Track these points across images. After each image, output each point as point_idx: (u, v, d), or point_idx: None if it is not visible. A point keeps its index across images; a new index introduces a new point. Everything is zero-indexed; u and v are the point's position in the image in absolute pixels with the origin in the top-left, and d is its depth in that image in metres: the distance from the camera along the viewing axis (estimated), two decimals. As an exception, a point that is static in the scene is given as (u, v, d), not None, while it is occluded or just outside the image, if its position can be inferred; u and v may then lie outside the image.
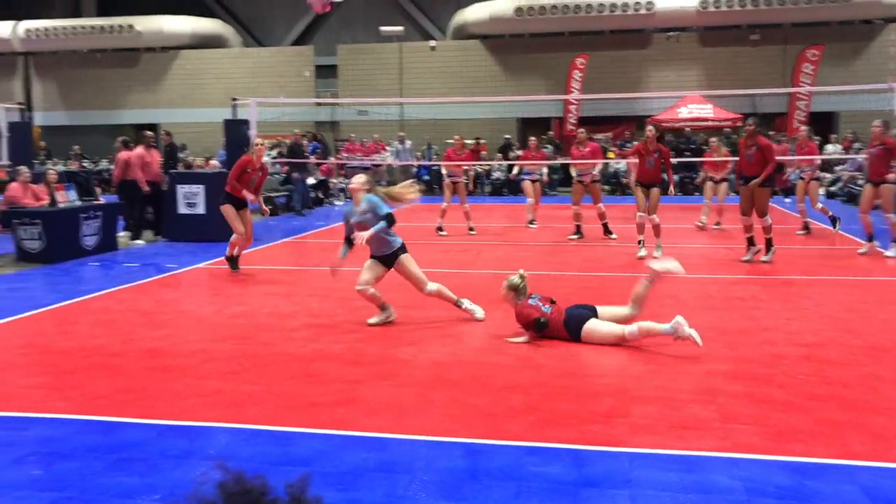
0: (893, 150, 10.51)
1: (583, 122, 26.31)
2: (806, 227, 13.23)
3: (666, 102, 24.97)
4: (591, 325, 6.26)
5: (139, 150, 13.17)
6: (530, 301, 6.55)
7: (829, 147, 22.82)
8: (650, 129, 11.02)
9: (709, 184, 14.92)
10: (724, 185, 14.96)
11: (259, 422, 4.59)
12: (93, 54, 30.59)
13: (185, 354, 6.08)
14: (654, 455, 4.07)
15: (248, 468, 3.78)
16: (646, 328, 6.09)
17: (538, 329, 6.33)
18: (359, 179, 7.36)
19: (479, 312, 7.25)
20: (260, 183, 10.08)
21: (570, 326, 6.28)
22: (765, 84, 24.53)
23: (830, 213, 13.09)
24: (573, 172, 13.53)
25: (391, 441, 4.29)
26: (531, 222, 14.84)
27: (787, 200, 17.25)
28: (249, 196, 9.92)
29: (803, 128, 15.11)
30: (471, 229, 13.72)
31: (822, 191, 21.30)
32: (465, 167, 13.85)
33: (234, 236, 9.85)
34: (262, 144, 10.23)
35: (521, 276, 6.74)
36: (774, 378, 5.30)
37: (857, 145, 22.32)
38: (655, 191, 10.98)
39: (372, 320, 7.04)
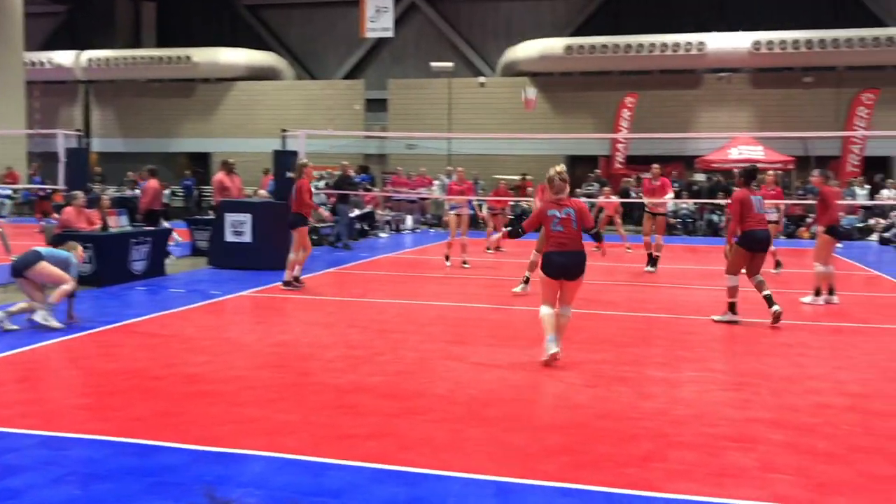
0: (826, 199, 10.18)
1: (630, 161, 26.27)
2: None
3: (715, 143, 24.75)
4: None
5: (220, 175, 13.83)
6: (549, 212, 6.78)
7: (885, 192, 22.36)
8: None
9: None
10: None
11: (293, 451, 4.61)
12: (150, 84, 31.51)
13: (225, 381, 6.14)
14: (691, 502, 3.98)
15: (279, 497, 3.78)
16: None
17: (511, 233, 7.30)
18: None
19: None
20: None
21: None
22: (817, 127, 24.21)
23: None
24: (647, 203, 13.86)
25: (423, 476, 4.26)
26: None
27: (840, 245, 16.83)
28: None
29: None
30: (464, 263, 13.81)
31: (875, 236, 20.89)
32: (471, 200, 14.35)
33: (293, 256, 10.95)
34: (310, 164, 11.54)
35: (557, 172, 6.90)
36: (818, 428, 5.16)
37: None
38: None
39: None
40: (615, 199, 18.77)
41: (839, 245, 14.72)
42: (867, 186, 23.06)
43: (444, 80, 28.42)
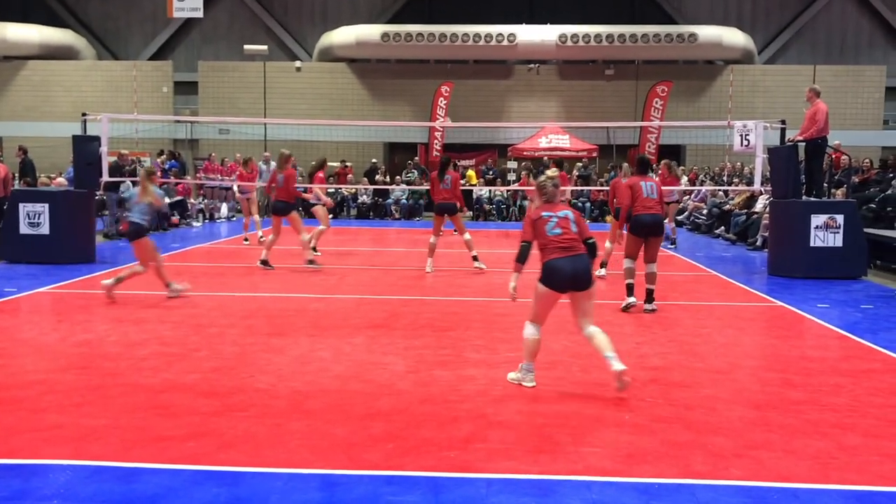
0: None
1: (447, 148, 26.81)
2: None
3: (527, 132, 25.78)
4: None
5: None
6: (543, 214, 5.88)
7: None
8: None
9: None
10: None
11: (102, 458, 4.33)
12: (-75, 60, 28.44)
13: (21, 386, 5.66)
14: (510, 480, 4.12)
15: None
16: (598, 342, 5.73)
17: (518, 258, 5.95)
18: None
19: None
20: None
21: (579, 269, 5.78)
22: (619, 117, 25.86)
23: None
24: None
25: (245, 475, 4.14)
26: (246, 240, 15.74)
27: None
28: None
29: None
30: (245, 240, 15.83)
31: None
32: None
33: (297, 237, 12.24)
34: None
35: (549, 177, 6.06)
36: (624, 401, 5.51)
37: (701, 177, 23.80)
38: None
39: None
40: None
41: None
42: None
43: (259, 63, 27.70)
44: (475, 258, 12.09)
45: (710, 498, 3.93)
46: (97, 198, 14.58)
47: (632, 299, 9.00)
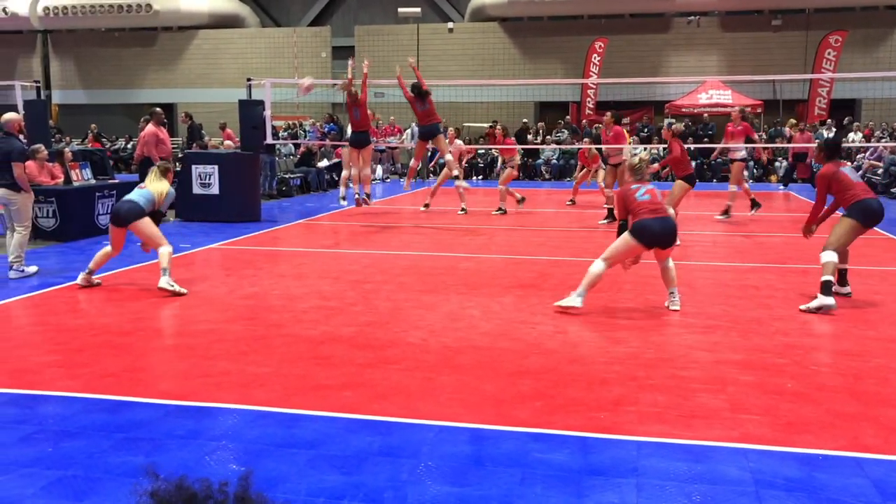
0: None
1: (600, 106, 26.14)
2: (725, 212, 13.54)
3: (685, 87, 24.69)
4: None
5: (151, 126, 13.07)
6: (637, 195, 6.73)
7: (851, 135, 22.51)
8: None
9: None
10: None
11: (265, 403, 4.59)
12: (110, 33, 30.66)
13: (194, 334, 6.09)
14: (662, 444, 4.03)
15: (252, 449, 3.75)
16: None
17: (619, 231, 6.92)
18: None
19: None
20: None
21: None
22: (786, 70, 24.24)
23: (751, 197, 13.55)
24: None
25: (397, 425, 4.27)
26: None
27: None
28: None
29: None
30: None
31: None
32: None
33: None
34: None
35: (641, 159, 7.02)
36: (786, 368, 5.24)
37: (878, 133, 22.03)
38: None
39: None
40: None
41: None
42: (834, 129, 23.20)
43: (412, 25, 27.98)
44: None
45: (882, 473, 3.68)
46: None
47: (846, 289, 7.49)
